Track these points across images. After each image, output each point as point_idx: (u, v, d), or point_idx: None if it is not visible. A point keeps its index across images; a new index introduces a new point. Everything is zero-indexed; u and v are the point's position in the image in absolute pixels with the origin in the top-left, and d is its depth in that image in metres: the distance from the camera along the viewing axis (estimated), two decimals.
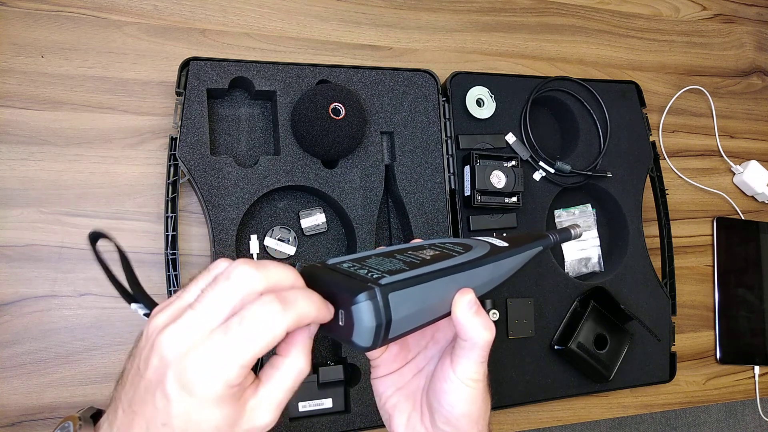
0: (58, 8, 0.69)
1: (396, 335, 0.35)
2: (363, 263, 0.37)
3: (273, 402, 0.34)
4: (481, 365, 0.40)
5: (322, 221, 0.75)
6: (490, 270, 0.40)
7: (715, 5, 1.05)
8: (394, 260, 0.38)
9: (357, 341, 0.33)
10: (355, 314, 0.33)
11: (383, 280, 0.34)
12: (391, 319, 0.33)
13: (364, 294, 0.33)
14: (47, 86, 0.68)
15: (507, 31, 0.90)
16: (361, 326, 0.33)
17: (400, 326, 0.35)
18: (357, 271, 0.36)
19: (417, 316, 0.36)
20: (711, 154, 0.99)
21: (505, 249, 0.42)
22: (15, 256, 0.65)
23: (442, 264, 0.38)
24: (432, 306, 0.37)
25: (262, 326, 0.31)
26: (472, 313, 0.38)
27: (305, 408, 0.69)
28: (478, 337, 0.38)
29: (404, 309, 0.34)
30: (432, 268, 0.37)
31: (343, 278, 0.35)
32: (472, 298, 0.38)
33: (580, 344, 0.78)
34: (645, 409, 0.88)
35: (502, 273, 0.42)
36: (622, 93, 0.89)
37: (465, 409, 0.40)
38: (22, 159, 0.66)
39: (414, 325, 0.36)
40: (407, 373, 0.45)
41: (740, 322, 0.95)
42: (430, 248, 0.41)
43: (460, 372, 0.40)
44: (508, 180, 0.77)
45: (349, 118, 0.69)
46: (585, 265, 0.88)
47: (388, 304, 0.33)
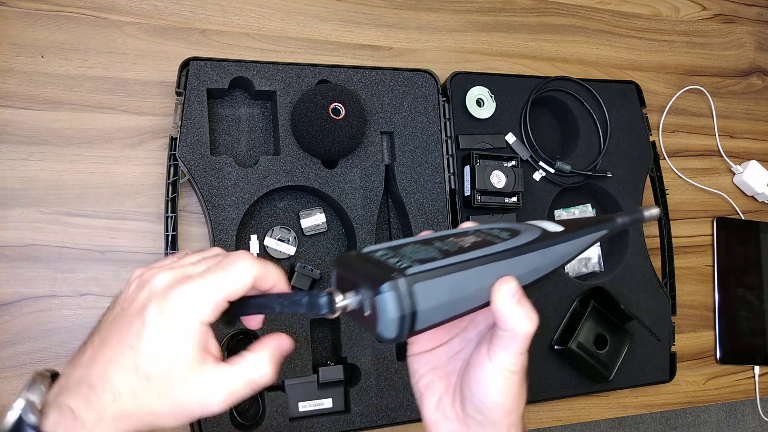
0: (58, 8, 0.69)
1: (425, 326, 0.34)
2: (397, 251, 0.36)
3: (226, 387, 0.35)
4: (520, 356, 0.38)
5: (322, 221, 0.75)
6: (536, 257, 0.38)
7: (715, 5, 1.05)
8: (430, 248, 0.36)
9: (382, 332, 0.33)
10: (379, 305, 0.32)
11: (410, 269, 0.33)
12: (417, 311, 0.32)
13: (387, 284, 0.32)
14: (47, 86, 0.68)
15: (507, 31, 0.90)
16: (384, 317, 0.32)
17: (429, 317, 0.33)
18: (388, 259, 0.35)
19: (448, 307, 0.35)
20: (711, 154, 0.99)
21: (558, 234, 0.40)
22: (15, 256, 0.65)
23: (480, 252, 0.36)
24: (466, 296, 0.35)
25: (235, 273, 0.36)
26: (513, 302, 0.36)
27: (305, 408, 0.69)
28: (519, 328, 0.36)
29: (432, 300, 0.33)
30: (468, 256, 0.35)
31: (372, 267, 0.34)
32: (514, 287, 0.36)
33: (580, 344, 0.78)
34: (645, 409, 0.88)
35: (553, 260, 0.39)
36: (622, 93, 0.89)
37: (498, 400, 0.39)
38: (22, 159, 0.66)
39: (446, 316, 0.35)
40: (443, 354, 0.43)
41: (740, 322, 0.95)
42: (473, 234, 0.39)
43: (496, 362, 0.38)
44: (508, 180, 0.77)
45: (349, 118, 0.69)
46: (585, 265, 0.88)
47: (412, 294, 0.32)
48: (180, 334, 0.34)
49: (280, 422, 0.67)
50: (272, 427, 0.67)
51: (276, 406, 0.67)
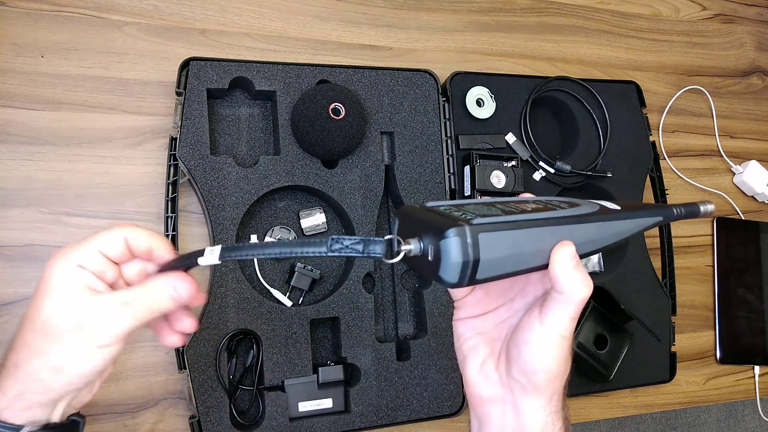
0: (58, 8, 0.69)
1: (484, 277, 0.34)
2: (461, 207, 0.37)
3: (106, 312, 0.38)
4: (571, 321, 0.38)
5: (322, 221, 0.75)
6: (594, 228, 0.39)
7: (715, 5, 1.05)
8: (493, 208, 0.37)
9: (444, 276, 0.34)
10: (443, 249, 0.33)
11: (476, 220, 0.34)
12: (479, 259, 0.33)
13: (453, 230, 0.33)
14: (47, 86, 0.68)
15: (507, 31, 0.90)
16: (448, 261, 0.33)
17: (489, 268, 0.34)
18: (452, 212, 0.36)
19: (508, 261, 0.35)
20: (711, 154, 0.99)
21: (616, 211, 0.41)
22: (15, 256, 0.65)
23: (541, 215, 0.37)
24: (526, 254, 0.36)
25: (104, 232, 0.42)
26: (571, 266, 0.36)
27: (305, 408, 0.69)
28: (575, 292, 0.37)
29: (494, 251, 0.34)
30: (530, 216, 0.36)
31: (436, 217, 0.35)
32: (573, 251, 0.37)
33: (580, 344, 0.78)
34: (645, 409, 0.88)
35: (609, 234, 0.40)
36: (622, 93, 0.89)
37: (545, 364, 0.39)
38: (22, 159, 0.66)
39: (505, 270, 0.35)
40: (490, 321, 0.44)
41: (740, 322, 0.95)
42: (533, 202, 0.40)
43: (548, 324, 0.38)
44: (508, 180, 0.77)
45: (349, 118, 0.69)
46: (585, 265, 0.88)
47: (477, 242, 0.33)
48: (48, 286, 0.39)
49: (280, 422, 0.67)
50: (272, 427, 0.67)
51: (276, 406, 0.67)
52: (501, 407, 0.42)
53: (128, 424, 0.66)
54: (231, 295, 0.67)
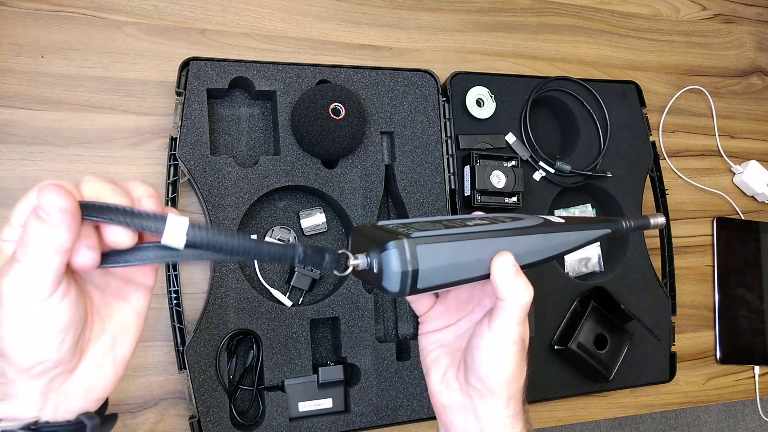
0: (58, 8, 0.69)
1: (426, 286, 0.37)
2: (408, 225, 0.40)
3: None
4: (517, 326, 0.40)
5: (322, 221, 0.75)
6: (535, 240, 0.42)
7: (715, 5, 1.05)
8: (437, 224, 0.40)
9: (387, 286, 0.37)
10: (384, 260, 0.36)
11: (415, 234, 0.37)
12: (418, 269, 0.36)
13: (393, 242, 0.36)
14: (47, 86, 0.68)
15: (507, 31, 0.90)
16: (389, 272, 0.36)
17: (429, 277, 0.37)
18: (397, 229, 0.39)
19: (448, 271, 0.38)
20: (711, 154, 0.99)
21: (559, 225, 0.44)
22: None
23: (482, 228, 0.40)
24: (465, 264, 0.39)
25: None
26: (510, 273, 0.39)
27: (305, 408, 0.69)
28: (515, 298, 0.39)
29: (432, 261, 0.37)
30: (470, 230, 0.39)
31: (381, 233, 0.38)
32: (511, 260, 0.39)
33: (580, 344, 0.78)
34: (645, 409, 0.88)
35: (551, 245, 0.43)
36: (622, 93, 0.89)
37: (496, 368, 0.41)
38: (22, 159, 0.66)
39: (446, 279, 0.38)
40: (451, 333, 0.47)
41: (740, 322, 0.95)
42: (480, 219, 0.43)
43: (495, 330, 0.40)
44: (508, 180, 0.77)
45: (349, 118, 0.69)
46: (585, 265, 0.88)
47: (415, 253, 0.36)
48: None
49: (280, 422, 0.67)
50: (272, 427, 0.67)
51: (276, 406, 0.67)
52: (463, 414, 0.44)
53: (128, 424, 0.66)
54: (231, 295, 0.67)
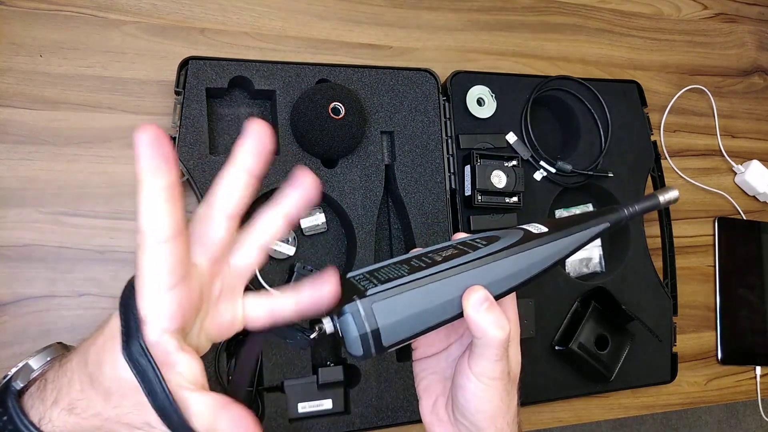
0: (56, 7, 0.69)
1: (394, 342, 0.35)
2: (375, 274, 0.38)
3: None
4: (497, 363, 0.38)
5: (322, 221, 0.74)
6: (511, 262, 0.38)
7: (716, 4, 1.05)
8: (403, 266, 0.38)
9: (350, 351, 0.35)
10: (342, 326, 0.35)
11: (371, 290, 0.35)
12: (378, 328, 0.34)
13: (347, 306, 0.34)
14: (46, 86, 0.68)
15: (508, 30, 0.90)
16: (348, 337, 0.35)
17: (395, 333, 0.35)
18: (360, 282, 0.37)
19: (415, 321, 0.36)
20: (712, 154, 0.99)
21: (540, 236, 0.40)
22: (14, 256, 0.64)
23: (449, 264, 0.37)
24: (433, 309, 0.36)
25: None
26: (482, 310, 0.37)
27: (305, 409, 0.69)
28: (490, 335, 0.37)
29: (394, 316, 0.35)
30: (435, 270, 0.37)
31: (344, 291, 0.36)
32: (481, 296, 0.37)
33: (581, 345, 0.78)
34: (646, 409, 0.88)
35: (534, 262, 0.39)
36: (624, 92, 0.89)
37: (479, 406, 0.40)
38: (21, 159, 0.66)
39: (415, 330, 0.36)
40: (442, 359, 0.45)
41: (742, 322, 0.95)
42: (453, 247, 0.40)
43: (475, 369, 0.39)
44: (509, 180, 0.77)
45: (349, 118, 0.69)
46: (586, 265, 0.87)
47: (372, 313, 0.34)
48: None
49: (280, 423, 0.67)
50: (272, 428, 0.67)
51: (275, 407, 0.67)
52: None
53: None
54: None
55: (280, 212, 0.35)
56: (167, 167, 0.29)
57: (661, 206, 0.43)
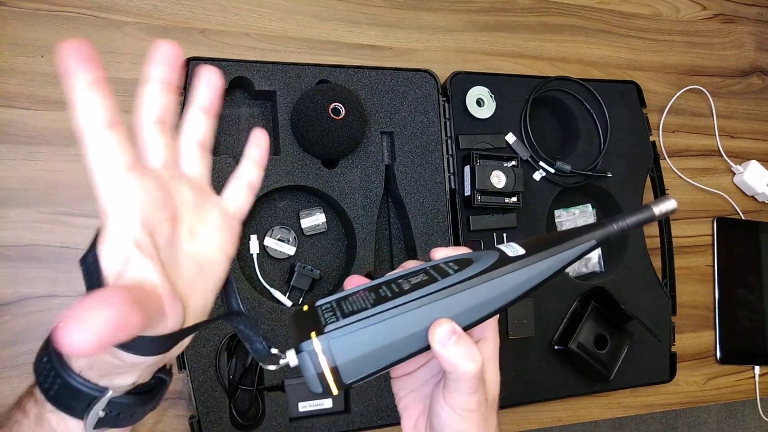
0: (58, 8, 0.69)
1: (356, 378, 0.34)
2: (341, 303, 0.36)
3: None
4: (472, 396, 0.37)
5: (322, 221, 0.75)
6: (483, 290, 0.36)
7: (715, 5, 1.05)
8: (368, 297, 0.36)
9: (311, 388, 0.34)
10: (301, 363, 0.33)
11: (329, 326, 0.33)
12: (336, 366, 0.33)
13: (304, 343, 0.33)
14: (47, 86, 0.68)
15: (507, 30, 0.90)
16: (306, 374, 0.33)
17: (355, 370, 0.34)
18: (325, 314, 0.35)
19: (377, 357, 0.34)
20: (711, 154, 0.99)
21: (516, 259, 0.37)
22: (15, 256, 0.65)
23: (414, 294, 0.35)
24: (397, 344, 0.35)
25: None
26: (450, 343, 0.34)
27: (305, 408, 0.69)
28: (460, 371, 0.35)
29: (354, 352, 0.33)
30: (398, 302, 0.35)
31: (308, 324, 0.35)
32: (448, 329, 0.34)
33: (580, 344, 0.78)
34: (645, 409, 0.88)
35: (508, 289, 0.36)
36: (623, 93, 0.89)
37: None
38: (22, 159, 0.66)
39: (379, 365, 0.34)
40: (421, 377, 0.43)
41: (740, 322, 0.95)
42: (424, 272, 0.38)
43: (450, 402, 0.37)
44: (508, 180, 0.77)
45: (349, 118, 0.69)
46: (585, 265, 0.87)
47: (329, 351, 0.33)
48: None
49: (280, 422, 0.67)
50: (272, 427, 0.67)
51: (276, 406, 0.67)
52: None
53: None
54: None
55: (197, 107, 0.39)
56: (90, 65, 0.32)
57: (656, 218, 0.40)
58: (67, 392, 0.33)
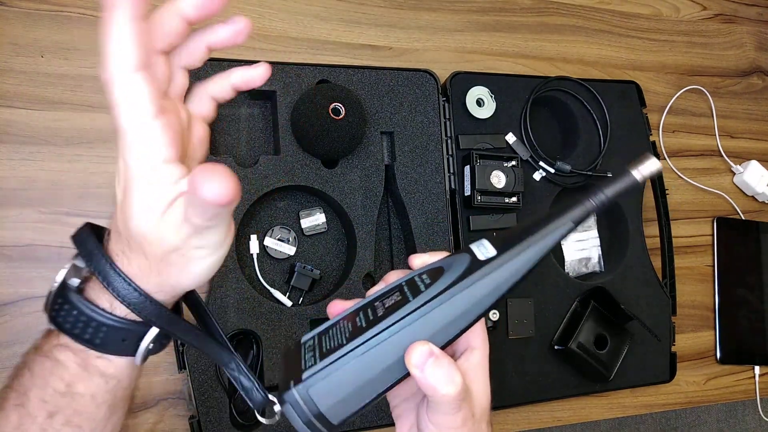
0: (57, 8, 0.69)
1: (345, 417, 0.34)
2: (321, 339, 0.36)
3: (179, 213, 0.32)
4: (455, 415, 0.36)
5: (322, 221, 0.75)
6: (456, 304, 0.34)
7: (715, 5, 1.05)
8: (345, 329, 0.35)
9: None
10: (287, 414, 0.33)
11: (306, 372, 0.33)
12: (320, 412, 0.33)
13: (285, 395, 0.33)
14: (47, 86, 0.68)
15: (507, 30, 0.90)
16: (295, 424, 0.33)
17: (341, 410, 0.33)
18: (305, 355, 0.35)
19: (360, 394, 0.33)
20: (711, 154, 0.99)
21: (487, 262, 0.35)
22: (15, 256, 0.65)
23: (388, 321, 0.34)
24: (378, 377, 0.34)
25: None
26: (427, 368, 0.33)
27: None
28: (439, 394, 0.34)
29: (334, 397, 0.33)
30: (372, 332, 0.33)
31: (290, 370, 0.35)
32: (422, 352, 0.33)
33: (580, 344, 0.78)
34: (645, 409, 0.88)
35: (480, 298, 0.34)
36: (623, 93, 0.89)
37: None
38: (22, 159, 0.66)
39: (365, 400, 0.34)
40: (413, 385, 0.41)
41: (740, 322, 0.95)
42: (397, 291, 0.36)
43: (433, 419, 0.37)
44: (508, 180, 0.77)
45: (349, 118, 0.69)
46: (585, 265, 0.87)
47: (310, 400, 0.33)
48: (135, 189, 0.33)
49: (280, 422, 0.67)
50: (272, 427, 0.67)
51: None
52: None
53: (128, 424, 0.66)
54: (231, 295, 0.67)
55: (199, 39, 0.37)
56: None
57: (639, 183, 0.35)
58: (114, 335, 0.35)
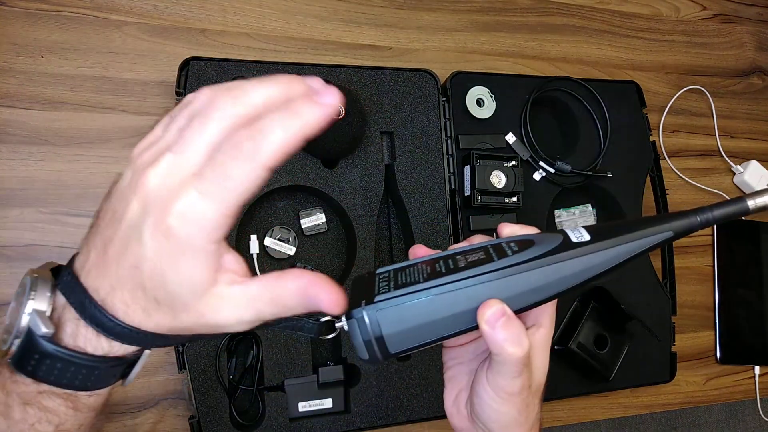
0: (58, 8, 0.69)
1: (402, 349, 0.35)
2: (398, 273, 0.37)
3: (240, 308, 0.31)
4: (516, 380, 0.36)
5: (322, 221, 0.75)
6: (539, 275, 0.35)
7: (715, 5, 1.05)
8: (423, 270, 0.36)
9: (358, 353, 0.35)
10: (350, 329, 0.34)
11: (379, 296, 0.34)
12: (382, 336, 0.34)
13: (354, 311, 0.34)
14: (47, 86, 0.68)
15: (507, 30, 0.90)
16: (354, 341, 0.34)
17: (401, 341, 0.34)
18: (380, 282, 0.36)
19: (422, 331, 0.35)
20: (711, 154, 0.99)
21: (579, 245, 0.35)
22: (15, 256, 0.65)
23: (468, 272, 0.35)
24: (443, 321, 0.35)
25: (238, 169, 0.29)
26: (498, 326, 0.34)
27: (305, 408, 0.69)
28: (505, 353, 0.35)
29: (400, 325, 0.34)
30: (450, 278, 0.35)
31: (361, 292, 0.36)
32: (497, 310, 0.34)
33: (580, 344, 0.78)
34: (645, 409, 0.88)
35: (563, 276, 0.35)
36: (623, 93, 0.89)
37: (493, 416, 0.38)
38: (22, 159, 0.66)
39: (424, 339, 0.35)
40: (471, 351, 0.43)
41: (740, 322, 0.95)
42: (482, 251, 0.37)
43: (492, 383, 0.37)
44: (508, 180, 0.77)
45: (349, 118, 0.69)
46: None
47: (376, 321, 0.34)
48: (181, 254, 0.29)
49: (280, 422, 0.67)
50: (272, 427, 0.67)
51: (276, 406, 0.67)
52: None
53: (128, 424, 0.66)
54: None
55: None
56: (333, 101, 0.29)
57: (750, 212, 0.36)
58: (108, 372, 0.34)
